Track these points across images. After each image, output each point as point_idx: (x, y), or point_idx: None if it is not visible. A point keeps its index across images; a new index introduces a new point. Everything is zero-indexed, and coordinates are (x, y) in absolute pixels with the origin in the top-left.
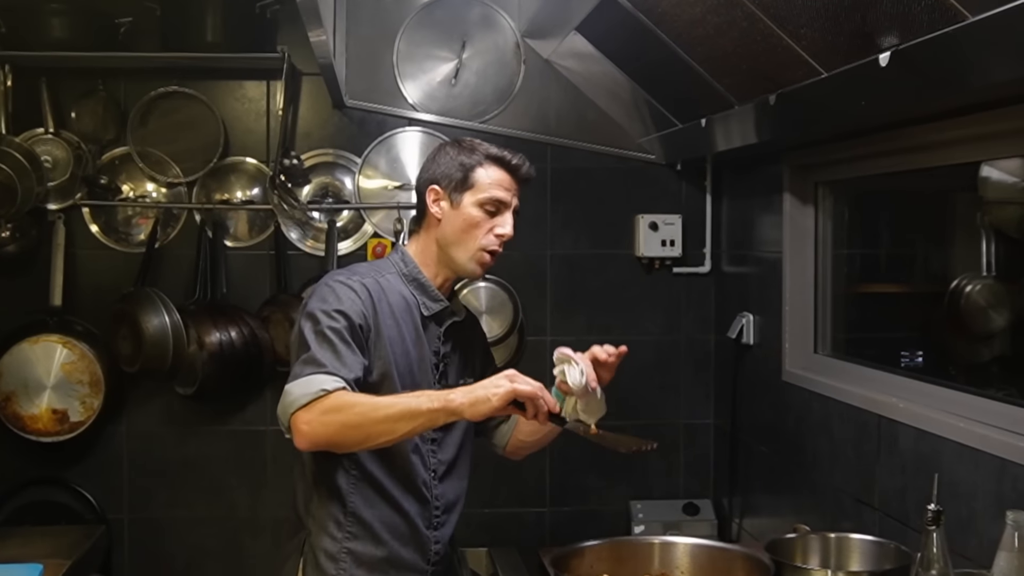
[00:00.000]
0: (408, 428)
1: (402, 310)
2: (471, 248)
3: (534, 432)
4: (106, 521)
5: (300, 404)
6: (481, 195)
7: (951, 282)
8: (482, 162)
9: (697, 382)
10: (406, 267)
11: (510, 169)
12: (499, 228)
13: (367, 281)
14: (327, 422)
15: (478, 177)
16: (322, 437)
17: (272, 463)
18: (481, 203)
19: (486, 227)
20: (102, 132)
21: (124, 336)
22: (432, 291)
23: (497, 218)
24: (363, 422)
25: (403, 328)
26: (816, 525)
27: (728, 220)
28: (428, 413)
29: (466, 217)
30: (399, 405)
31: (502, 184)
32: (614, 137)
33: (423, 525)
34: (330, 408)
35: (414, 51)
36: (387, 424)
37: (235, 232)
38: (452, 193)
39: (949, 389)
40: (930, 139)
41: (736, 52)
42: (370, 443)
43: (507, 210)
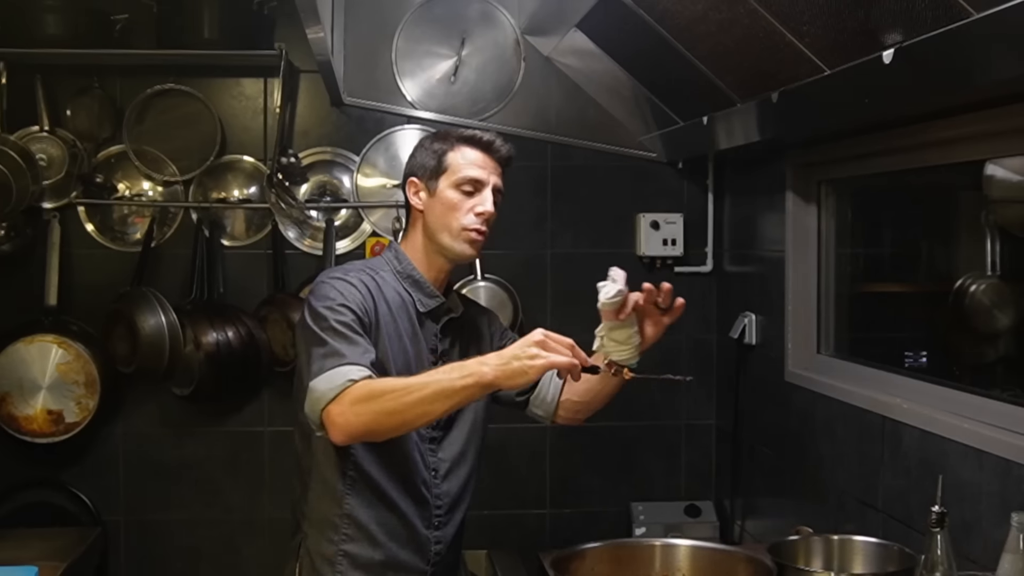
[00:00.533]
0: (445, 407)
1: (397, 307)
2: (454, 229)
3: (589, 390)
4: (102, 523)
5: (329, 398)
6: (455, 176)
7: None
8: (454, 145)
9: (699, 382)
10: (400, 264)
11: (483, 147)
12: (479, 207)
13: (363, 277)
14: (360, 412)
15: (451, 160)
16: (358, 428)
17: (269, 464)
18: (457, 184)
19: (465, 207)
20: (98, 130)
21: (120, 336)
22: (427, 287)
23: (476, 197)
24: (397, 408)
25: (399, 325)
26: (819, 527)
27: (730, 219)
28: (463, 391)
29: (444, 201)
30: (432, 385)
31: (476, 163)
32: (615, 135)
33: (422, 525)
34: (361, 397)
35: (413, 48)
36: (422, 407)
37: (232, 231)
38: (428, 181)
39: (954, 390)
40: (934, 137)
41: (738, 49)
42: (407, 428)
43: (484, 188)
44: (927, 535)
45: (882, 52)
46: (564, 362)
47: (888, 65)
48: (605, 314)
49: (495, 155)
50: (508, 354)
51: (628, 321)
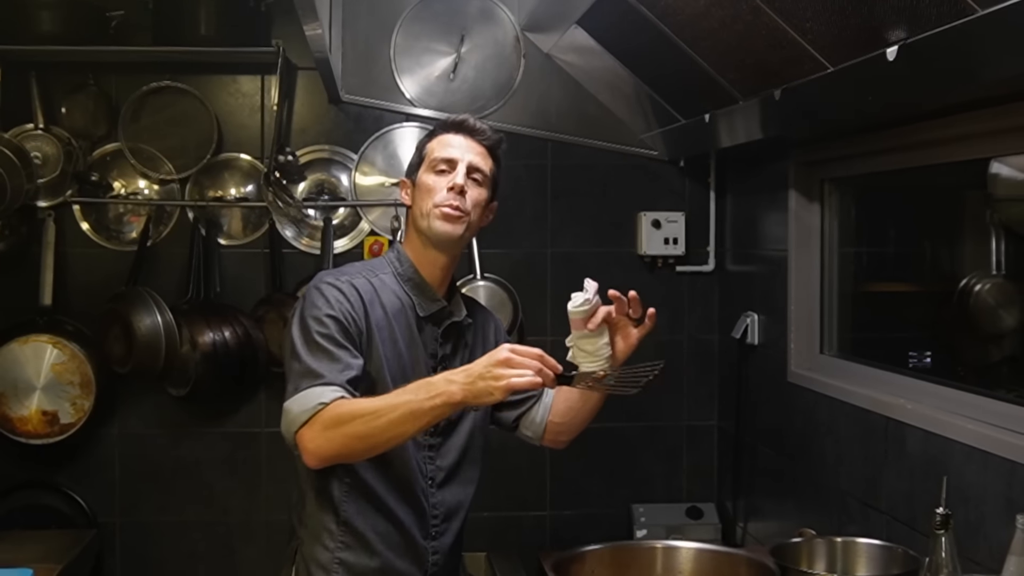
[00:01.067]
0: (416, 428)
1: (396, 311)
2: (427, 208)
3: (568, 410)
4: (97, 525)
5: (301, 422)
6: (429, 158)
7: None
8: (433, 136)
9: (701, 383)
10: (401, 266)
11: (455, 128)
12: (449, 181)
13: (357, 281)
14: (331, 437)
15: (428, 148)
16: (329, 452)
17: (266, 466)
18: (431, 166)
19: (440, 186)
20: (93, 128)
21: (115, 336)
22: (429, 291)
23: (449, 175)
24: (367, 432)
25: (396, 329)
26: (822, 529)
27: (732, 218)
28: (431, 411)
29: (421, 187)
30: (400, 408)
31: (449, 144)
32: (616, 133)
33: (419, 535)
34: (331, 421)
35: (412, 45)
36: (392, 430)
37: (229, 230)
38: (412, 176)
39: (958, 390)
40: (939, 135)
41: (741, 46)
42: (380, 450)
43: (458, 165)
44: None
45: (886, 49)
46: (525, 383)
47: (892, 62)
48: (574, 323)
49: (469, 133)
50: (475, 373)
51: (598, 331)
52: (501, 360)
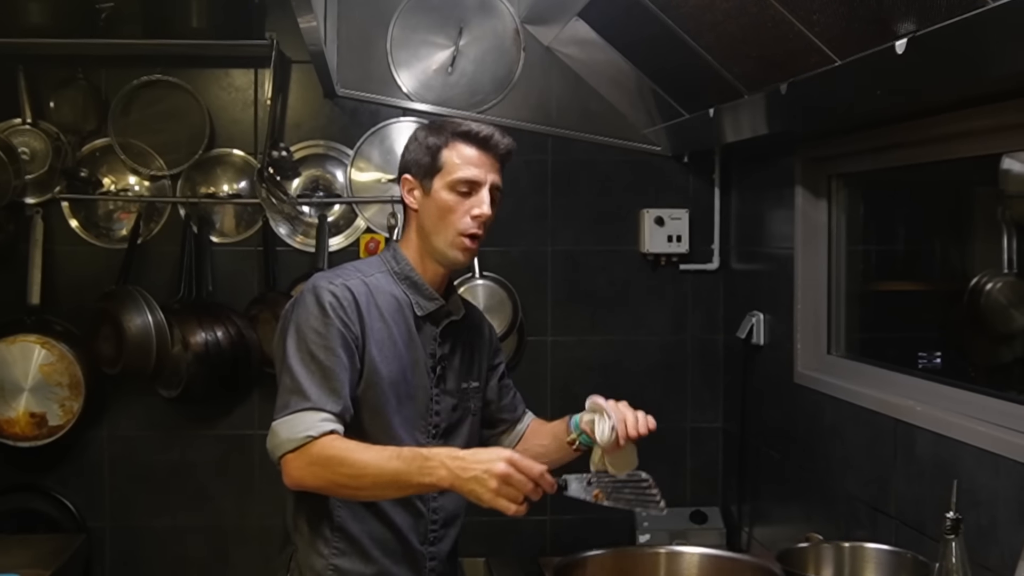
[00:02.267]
0: (397, 495)
1: (393, 311)
2: (449, 235)
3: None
4: (86, 529)
5: (288, 449)
6: (451, 177)
7: (971, 280)
8: (449, 141)
9: (705, 384)
10: (397, 265)
11: (479, 144)
12: (475, 209)
13: (352, 283)
14: (316, 473)
15: (446, 158)
16: (310, 485)
17: (260, 469)
18: (452, 185)
19: (461, 210)
20: (82, 123)
21: (105, 336)
22: (426, 289)
23: (472, 199)
24: (351, 484)
25: (394, 330)
26: (829, 534)
27: (737, 215)
28: (418, 487)
29: (439, 203)
30: (388, 475)
31: (472, 162)
32: (618, 128)
33: (416, 540)
34: (318, 459)
35: (409, 38)
36: (375, 491)
37: (221, 227)
38: (423, 180)
39: (969, 391)
40: (949, 130)
41: (746, 39)
42: (356, 500)
43: (481, 189)
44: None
45: (895, 42)
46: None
47: (901, 55)
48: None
49: (493, 151)
50: (471, 470)
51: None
52: (499, 474)
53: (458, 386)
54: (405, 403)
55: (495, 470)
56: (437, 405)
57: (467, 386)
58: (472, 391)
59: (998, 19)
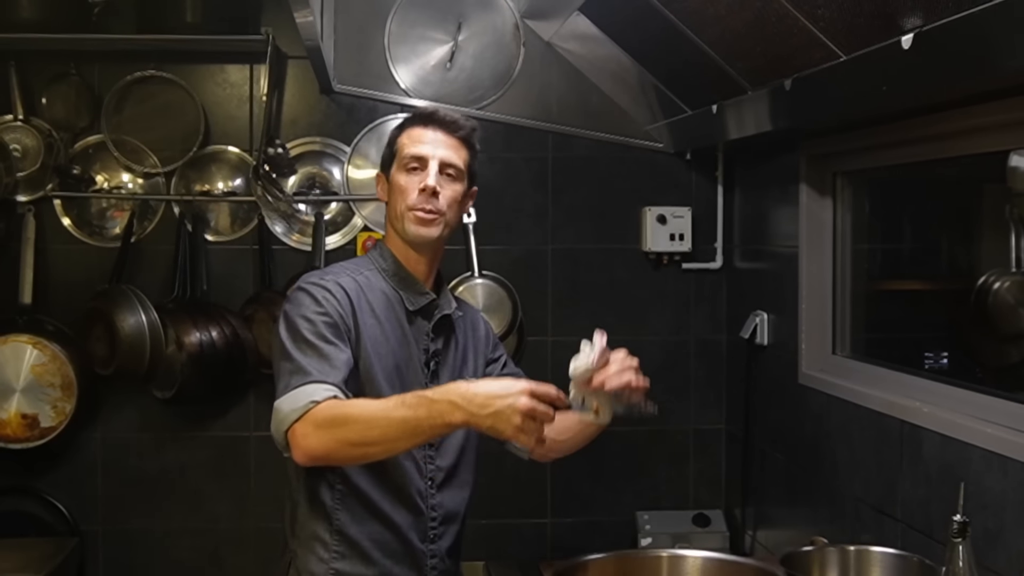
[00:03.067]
0: (411, 444)
1: (384, 308)
2: (401, 211)
3: (567, 429)
4: (79, 533)
5: (292, 419)
6: (400, 157)
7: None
8: (402, 130)
9: (708, 385)
10: (385, 262)
11: (425, 120)
12: (420, 182)
13: (343, 280)
14: (323, 437)
15: (399, 143)
16: (320, 451)
17: (256, 471)
18: (403, 165)
19: (411, 187)
20: (75, 119)
21: (98, 336)
22: (416, 284)
23: (420, 174)
24: (359, 440)
25: (386, 327)
26: (834, 537)
27: (741, 213)
28: (430, 430)
29: (394, 186)
30: (396, 423)
31: (418, 139)
32: (619, 124)
33: (417, 539)
34: (324, 421)
35: (407, 33)
36: (385, 444)
37: (216, 225)
38: (386, 172)
39: (976, 392)
40: (956, 126)
41: (750, 34)
42: (373, 459)
43: (429, 162)
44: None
45: (901, 37)
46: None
47: (907, 50)
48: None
49: (440, 126)
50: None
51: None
52: (523, 409)
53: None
54: None
55: (518, 406)
56: None
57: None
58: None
59: (1006, 14)
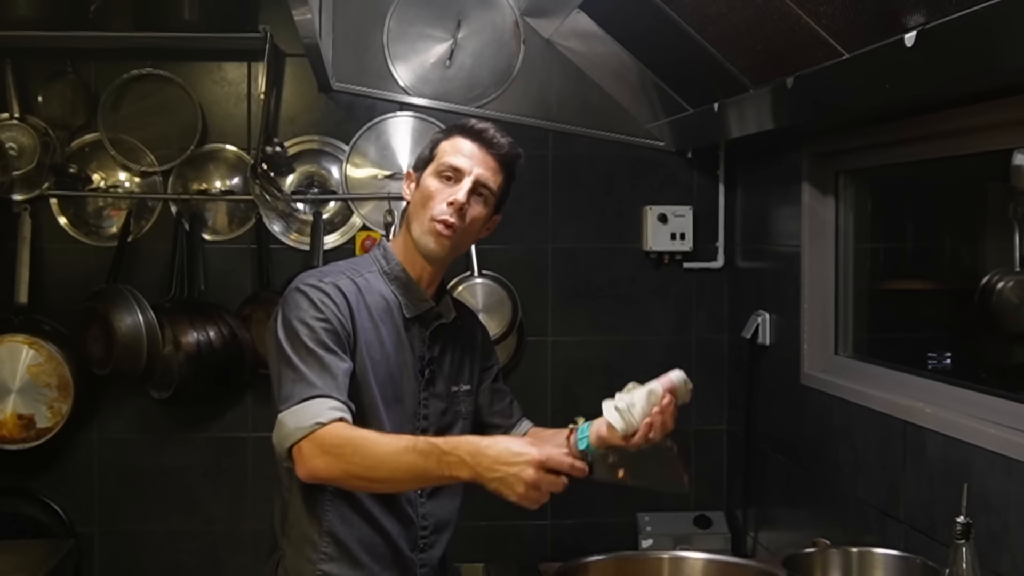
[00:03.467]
0: (412, 488)
1: (382, 311)
2: (425, 219)
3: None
4: (75, 535)
5: (298, 438)
6: (437, 163)
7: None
8: (449, 134)
9: (709, 385)
10: (387, 264)
11: (473, 135)
12: (452, 195)
13: (341, 282)
14: (330, 463)
15: (440, 148)
16: (324, 475)
17: (253, 473)
18: (438, 172)
19: (440, 196)
20: (71, 117)
21: (95, 336)
22: (416, 290)
23: (453, 186)
24: (365, 475)
25: (383, 331)
26: (837, 539)
27: (743, 212)
28: (437, 480)
29: (423, 189)
30: (404, 468)
31: (461, 151)
32: (620, 123)
33: (407, 547)
34: (331, 447)
35: (406, 30)
36: (390, 484)
37: (214, 225)
38: (419, 172)
39: (980, 393)
40: (959, 125)
41: (751, 31)
42: (372, 492)
43: (464, 177)
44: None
45: (904, 35)
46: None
47: (910, 48)
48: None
49: (487, 146)
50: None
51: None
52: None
53: (447, 389)
54: (393, 406)
55: (524, 476)
56: (425, 409)
57: (457, 389)
58: (463, 395)
59: (1009, 11)
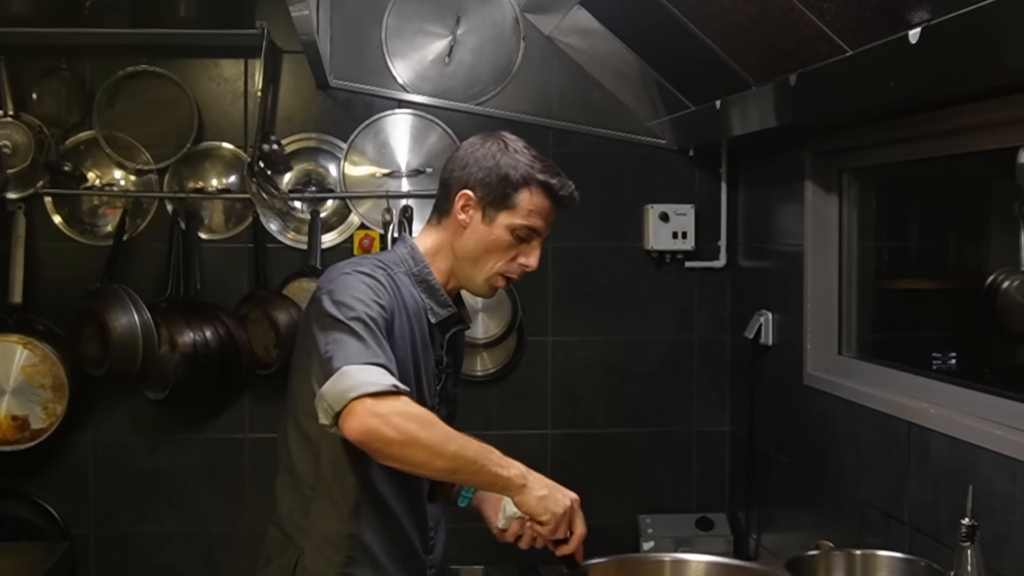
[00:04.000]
0: (457, 479)
1: (415, 312)
2: (488, 270)
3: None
4: (70, 537)
5: (367, 391)
6: (517, 220)
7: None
8: (531, 184)
9: (711, 386)
10: (416, 266)
11: (558, 200)
12: (523, 258)
13: (381, 276)
14: (398, 426)
15: (521, 200)
16: (382, 436)
17: (250, 474)
18: (514, 228)
19: (511, 252)
20: (66, 115)
21: (90, 336)
22: (442, 296)
23: (524, 245)
24: (430, 447)
25: (415, 332)
26: (840, 541)
27: (745, 210)
28: (489, 477)
29: (495, 237)
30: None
31: (544, 213)
32: (621, 120)
33: (421, 549)
34: (406, 413)
35: (404, 27)
36: (443, 465)
37: (210, 223)
38: (487, 207)
39: (985, 393)
40: (964, 122)
41: (754, 28)
42: (419, 470)
43: (538, 239)
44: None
45: (908, 31)
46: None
47: (915, 45)
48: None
49: (563, 206)
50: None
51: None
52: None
53: (450, 393)
54: None
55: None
56: (437, 412)
57: (456, 393)
58: (456, 397)
59: (1015, 7)
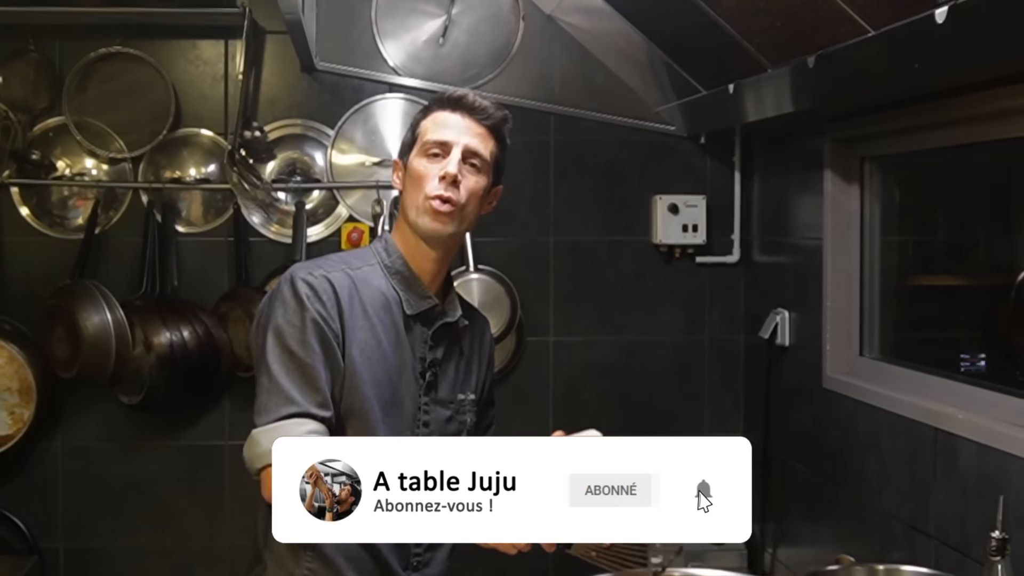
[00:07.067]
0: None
1: (379, 308)
2: (419, 201)
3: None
4: (38, 551)
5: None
6: (422, 143)
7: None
8: (427, 111)
9: (724, 389)
10: (388, 257)
11: (452, 104)
12: (442, 169)
13: (334, 276)
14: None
15: (422, 127)
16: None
17: (230, 483)
18: (424, 150)
19: (431, 174)
20: (33, 100)
21: (59, 337)
22: (418, 286)
23: (442, 161)
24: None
25: (379, 330)
26: (862, 555)
27: (760, 202)
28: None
29: (412, 173)
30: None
31: (443, 123)
32: (628, 105)
33: (398, 565)
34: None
35: (396, 5)
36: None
37: (188, 216)
38: (404, 158)
39: (1017, 397)
40: (993, 107)
41: (769, 6)
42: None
43: (452, 149)
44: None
45: (935, 10)
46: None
47: (941, 25)
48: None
49: (469, 111)
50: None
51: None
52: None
53: (452, 396)
54: (391, 412)
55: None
56: (426, 415)
57: (464, 398)
58: (468, 404)
59: None
